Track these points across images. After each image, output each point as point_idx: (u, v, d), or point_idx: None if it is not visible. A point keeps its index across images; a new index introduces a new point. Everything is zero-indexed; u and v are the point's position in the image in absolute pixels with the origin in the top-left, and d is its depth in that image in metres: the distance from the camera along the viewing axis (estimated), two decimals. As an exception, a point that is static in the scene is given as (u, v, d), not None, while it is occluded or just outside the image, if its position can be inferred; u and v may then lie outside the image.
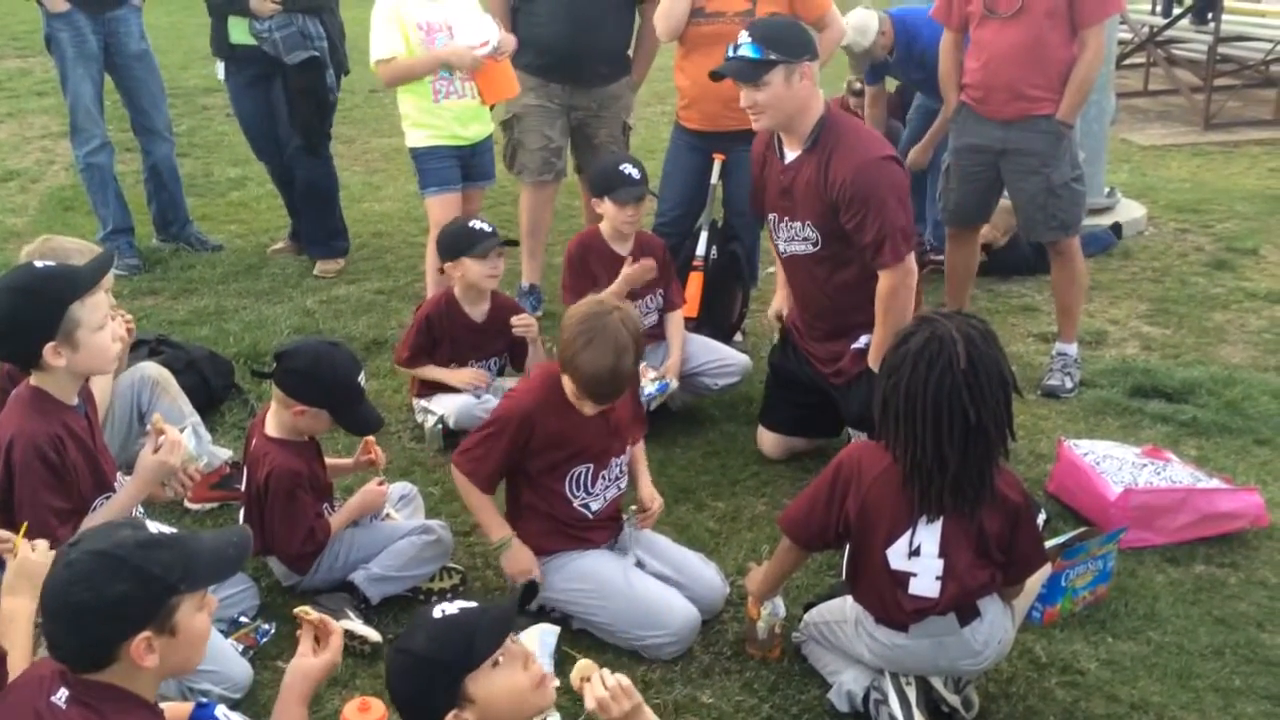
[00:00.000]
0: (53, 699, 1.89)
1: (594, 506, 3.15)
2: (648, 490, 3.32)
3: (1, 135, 8.38)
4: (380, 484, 3.35)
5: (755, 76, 3.52)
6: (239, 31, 5.42)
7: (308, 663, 2.16)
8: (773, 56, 3.49)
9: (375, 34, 4.63)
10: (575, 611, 3.12)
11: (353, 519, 3.28)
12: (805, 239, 3.73)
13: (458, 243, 4.10)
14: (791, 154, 3.69)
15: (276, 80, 5.51)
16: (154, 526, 2.00)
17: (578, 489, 3.10)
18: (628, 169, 4.20)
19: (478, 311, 4.20)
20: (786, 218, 3.76)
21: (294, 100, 5.49)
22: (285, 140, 5.65)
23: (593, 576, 3.09)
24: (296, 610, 2.27)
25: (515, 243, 4.67)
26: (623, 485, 3.23)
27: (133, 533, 1.94)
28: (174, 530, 1.97)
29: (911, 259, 3.62)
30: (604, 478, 3.14)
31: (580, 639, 3.03)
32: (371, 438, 3.43)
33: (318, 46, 5.37)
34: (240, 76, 5.58)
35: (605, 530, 3.23)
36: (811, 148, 3.61)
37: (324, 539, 3.18)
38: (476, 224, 4.14)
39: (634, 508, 3.29)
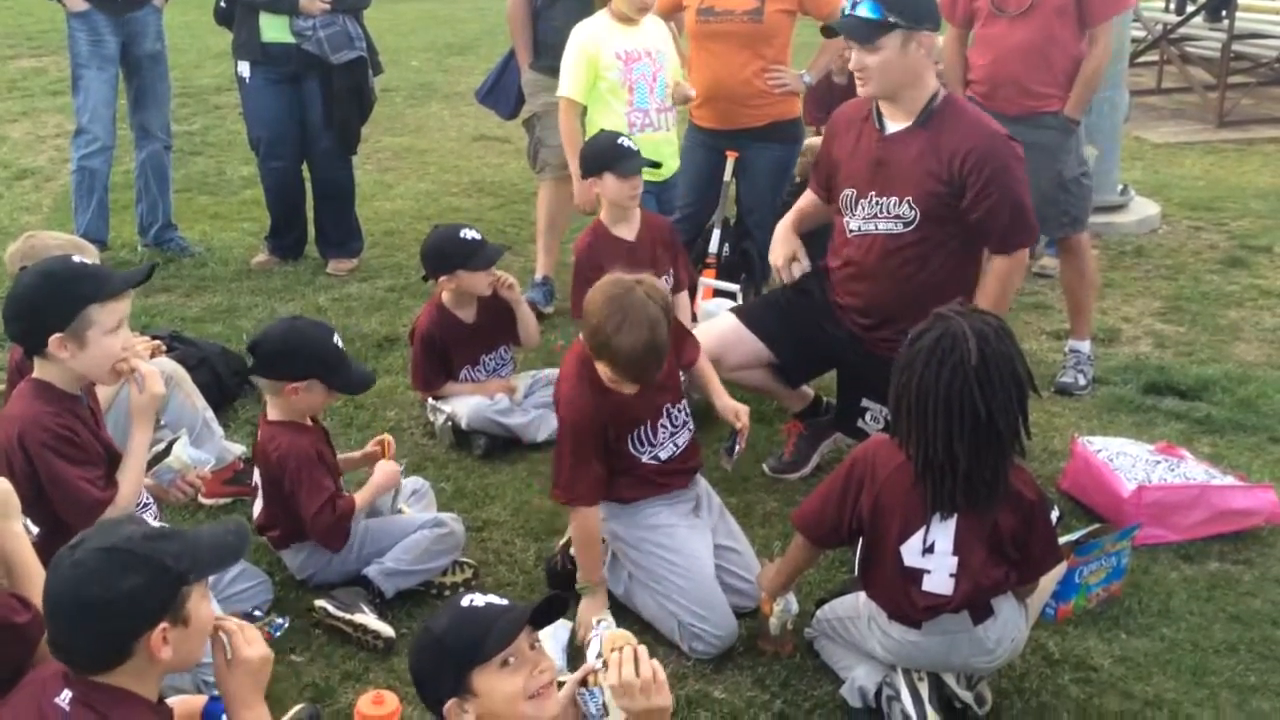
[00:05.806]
0: (56, 700, 1.90)
1: (663, 455, 3.12)
2: (725, 403, 3.25)
3: (16, 134, 8.41)
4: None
5: (870, 38, 3.27)
6: (273, 30, 5.28)
7: (220, 676, 2.10)
8: (892, 19, 3.23)
9: (564, 68, 4.57)
10: (639, 564, 3.08)
11: (376, 496, 3.28)
12: (896, 217, 3.43)
13: (451, 258, 4.05)
14: (895, 126, 3.42)
15: (307, 80, 5.38)
16: (152, 521, 2.01)
17: (642, 446, 3.09)
18: (625, 142, 4.08)
19: (468, 313, 4.20)
20: (873, 192, 3.46)
21: (336, 100, 5.38)
22: (312, 141, 5.53)
23: (682, 549, 3.06)
24: None
25: (507, 247, 4.65)
26: (691, 426, 3.20)
27: (136, 527, 1.97)
28: (169, 525, 2.00)
29: (1025, 251, 3.45)
30: (664, 427, 3.10)
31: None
32: (389, 438, 3.45)
33: (359, 47, 5.33)
34: (266, 75, 5.37)
35: (684, 476, 3.20)
36: (925, 122, 3.36)
37: (347, 510, 3.16)
38: (469, 234, 4.07)
39: (724, 448, 3.31)
